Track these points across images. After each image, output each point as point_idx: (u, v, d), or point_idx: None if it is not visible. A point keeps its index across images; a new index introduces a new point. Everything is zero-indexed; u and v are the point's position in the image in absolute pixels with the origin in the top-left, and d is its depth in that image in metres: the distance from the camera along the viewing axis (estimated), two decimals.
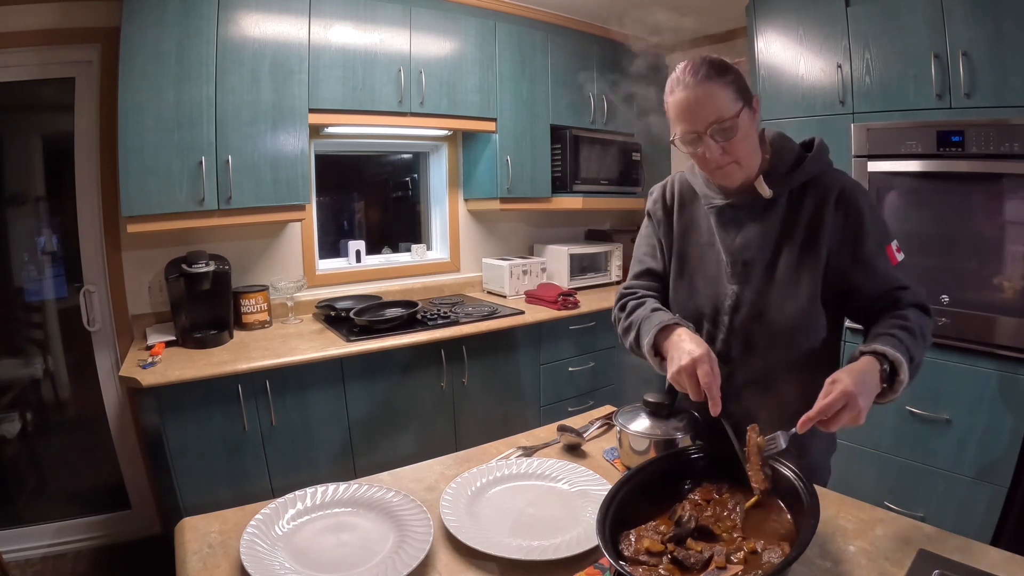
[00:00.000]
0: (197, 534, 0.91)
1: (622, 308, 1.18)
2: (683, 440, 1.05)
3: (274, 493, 1.93)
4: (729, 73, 1.01)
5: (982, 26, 1.83)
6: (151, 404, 1.85)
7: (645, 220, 1.27)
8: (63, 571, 2.21)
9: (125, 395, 2.35)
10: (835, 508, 0.96)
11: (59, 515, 2.34)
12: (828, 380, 0.88)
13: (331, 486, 1.01)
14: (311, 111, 2.30)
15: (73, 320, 2.29)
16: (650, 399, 1.11)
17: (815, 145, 1.10)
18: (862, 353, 0.93)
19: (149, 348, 2.09)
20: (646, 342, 1.04)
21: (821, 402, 0.86)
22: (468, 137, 3.09)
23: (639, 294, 1.19)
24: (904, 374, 0.91)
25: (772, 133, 1.13)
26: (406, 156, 3.28)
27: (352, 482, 1.03)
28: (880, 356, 0.91)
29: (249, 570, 0.78)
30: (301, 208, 2.36)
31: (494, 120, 2.83)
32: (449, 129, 2.81)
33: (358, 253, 2.94)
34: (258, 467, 2.05)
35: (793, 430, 0.88)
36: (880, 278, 1.03)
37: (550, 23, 3.01)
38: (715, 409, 0.92)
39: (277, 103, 2.21)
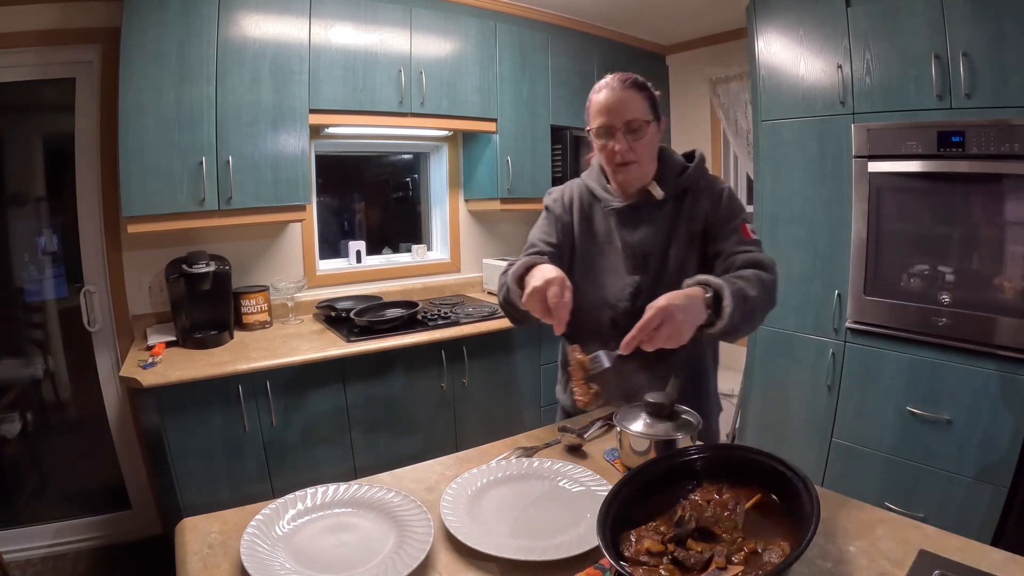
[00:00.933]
0: (197, 534, 0.91)
1: (504, 272, 1.25)
2: (683, 440, 1.04)
3: (274, 493, 1.93)
4: (648, 90, 1.23)
5: (982, 26, 1.82)
6: (151, 404, 1.86)
7: (543, 214, 1.39)
8: (63, 571, 2.21)
9: (125, 395, 2.35)
10: (835, 508, 0.96)
11: (59, 515, 2.34)
12: (651, 304, 0.97)
13: (331, 486, 1.01)
14: (311, 111, 2.30)
15: (73, 320, 2.30)
16: (650, 399, 1.11)
17: (696, 156, 1.31)
18: (689, 284, 1.05)
19: (149, 348, 2.09)
20: (511, 273, 1.14)
21: (641, 323, 0.95)
22: (468, 137, 3.09)
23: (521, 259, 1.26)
24: (728, 299, 1.00)
25: (660, 147, 1.31)
26: (406, 156, 3.28)
27: (352, 482, 1.03)
28: (703, 284, 1.03)
29: (249, 570, 0.78)
30: (301, 208, 2.36)
31: (494, 120, 2.83)
32: (449, 129, 2.81)
33: (358, 253, 2.94)
34: (258, 467, 2.05)
35: (617, 351, 0.97)
36: (731, 244, 1.21)
37: (551, 23, 3.01)
38: (559, 329, 1.01)
39: (277, 103, 2.21)
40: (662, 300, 0.96)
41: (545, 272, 1.05)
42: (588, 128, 1.25)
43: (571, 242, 1.34)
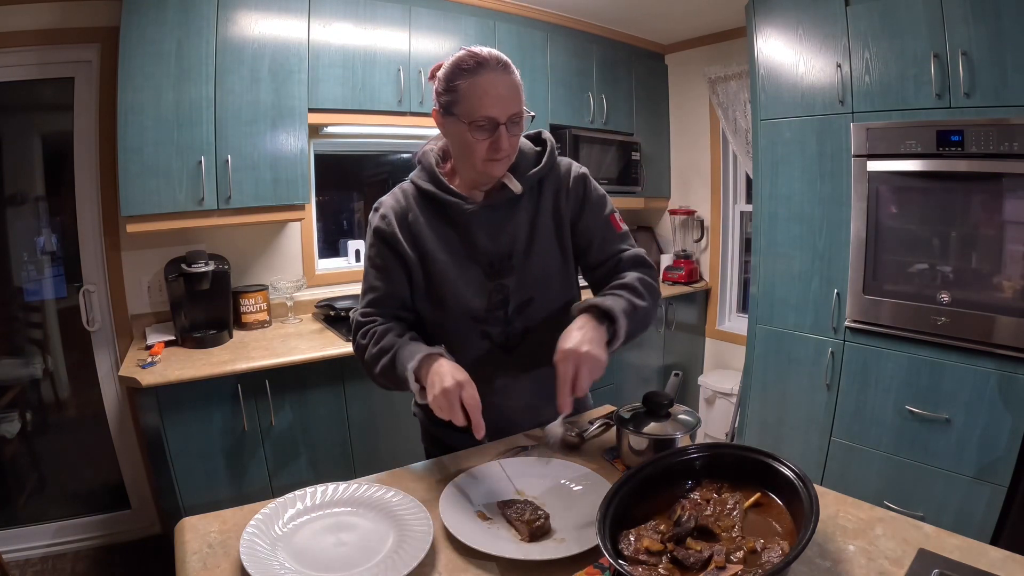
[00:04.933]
0: (197, 534, 0.91)
1: (364, 335, 1.14)
2: (683, 440, 1.05)
3: (274, 493, 1.93)
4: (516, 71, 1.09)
5: (982, 26, 1.83)
6: (151, 404, 1.85)
7: (371, 240, 1.18)
8: (63, 571, 2.21)
9: (125, 395, 2.35)
10: (835, 507, 0.96)
11: (59, 515, 2.34)
12: (555, 356, 0.97)
13: (331, 486, 1.01)
14: (310, 111, 2.30)
15: (73, 320, 2.29)
16: (649, 397, 1.11)
17: (547, 141, 1.21)
18: (578, 312, 1.05)
19: (148, 348, 2.09)
20: (410, 367, 1.02)
21: (560, 378, 0.95)
22: None
23: (379, 321, 1.15)
24: (621, 319, 1.01)
25: None
26: (405, 155, 3.27)
27: (352, 482, 1.03)
28: (592, 308, 1.03)
29: (249, 570, 0.78)
30: (300, 208, 2.36)
31: None
32: None
33: (357, 252, 2.93)
34: (258, 467, 2.05)
35: (560, 416, 1.00)
36: (606, 242, 1.20)
37: (550, 23, 3.01)
38: (480, 432, 0.97)
39: (276, 103, 2.21)
40: (566, 345, 0.96)
41: (451, 372, 0.98)
42: (468, 120, 1.03)
43: (411, 265, 1.16)
